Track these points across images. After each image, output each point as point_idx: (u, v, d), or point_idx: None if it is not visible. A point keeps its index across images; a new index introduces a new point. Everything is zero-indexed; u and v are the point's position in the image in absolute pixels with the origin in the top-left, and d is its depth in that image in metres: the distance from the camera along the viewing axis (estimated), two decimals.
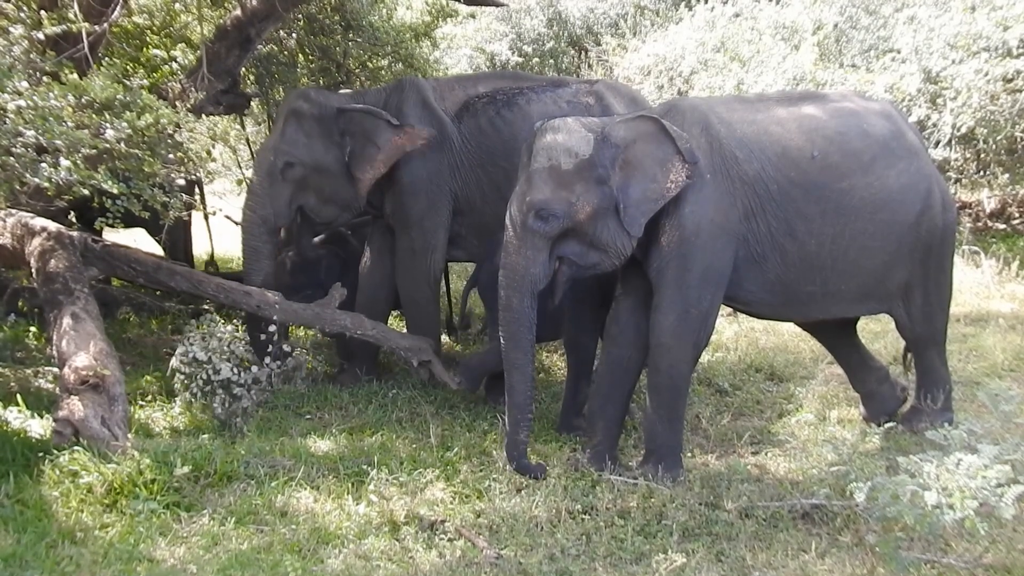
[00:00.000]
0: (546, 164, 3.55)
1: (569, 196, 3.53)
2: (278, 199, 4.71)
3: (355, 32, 6.58)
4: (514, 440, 3.68)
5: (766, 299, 3.82)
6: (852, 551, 3.03)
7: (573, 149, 3.54)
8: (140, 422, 4.16)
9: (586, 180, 3.54)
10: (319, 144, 4.67)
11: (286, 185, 4.69)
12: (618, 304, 3.85)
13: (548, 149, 3.57)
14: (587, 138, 3.56)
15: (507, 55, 10.69)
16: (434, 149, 4.68)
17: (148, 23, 6.33)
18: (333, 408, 4.55)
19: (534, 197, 3.54)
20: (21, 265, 4.96)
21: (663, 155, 3.53)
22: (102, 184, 3.74)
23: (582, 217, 3.54)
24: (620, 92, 4.96)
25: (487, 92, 4.84)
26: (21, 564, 2.87)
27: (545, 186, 3.54)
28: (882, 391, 4.32)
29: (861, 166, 3.72)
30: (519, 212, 3.59)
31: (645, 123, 3.60)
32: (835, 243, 3.71)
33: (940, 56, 7.19)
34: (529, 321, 3.65)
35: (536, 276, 3.61)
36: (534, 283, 3.62)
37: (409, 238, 4.76)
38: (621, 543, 3.15)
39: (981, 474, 2.66)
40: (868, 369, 4.35)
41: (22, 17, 4.12)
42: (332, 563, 2.99)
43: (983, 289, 6.70)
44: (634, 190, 3.54)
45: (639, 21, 10.75)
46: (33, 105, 3.57)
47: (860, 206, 3.70)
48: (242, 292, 4.68)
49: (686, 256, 3.57)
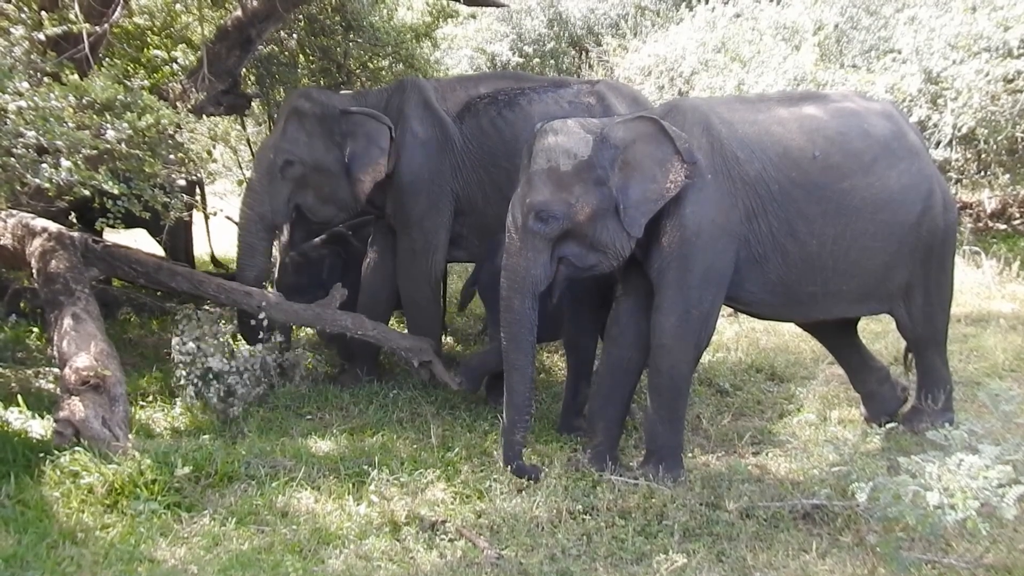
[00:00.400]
0: (545, 166, 3.56)
1: (568, 197, 3.53)
2: (276, 197, 4.73)
3: (356, 33, 6.59)
4: (511, 441, 3.68)
5: (767, 300, 3.82)
6: (853, 551, 3.03)
7: (572, 151, 3.55)
8: (141, 423, 4.16)
9: (585, 181, 3.54)
10: (320, 144, 4.69)
11: (285, 183, 4.72)
12: (619, 305, 3.85)
13: (547, 151, 3.57)
14: (586, 139, 3.56)
15: (508, 56, 10.68)
16: (435, 149, 4.69)
17: (149, 24, 6.34)
18: (334, 408, 4.55)
19: (534, 199, 3.55)
20: (22, 266, 4.96)
21: (662, 155, 3.53)
22: (103, 185, 3.75)
23: (582, 218, 3.55)
24: (622, 92, 4.96)
25: (489, 93, 4.84)
26: (22, 564, 2.87)
27: (545, 188, 3.54)
28: (883, 391, 4.32)
29: (862, 166, 3.71)
30: (520, 214, 3.60)
31: (644, 124, 3.60)
32: (836, 243, 3.71)
33: (941, 56, 7.18)
34: (530, 323, 3.65)
35: (537, 277, 3.61)
36: (535, 284, 3.62)
37: (410, 238, 4.76)
38: (622, 543, 3.15)
39: (982, 474, 2.66)
40: (869, 369, 4.35)
41: (23, 18, 4.12)
42: (333, 563, 2.99)
43: (984, 289, 6.70)
44: (634, 191, 3.54)
45: (640, 22, 10.73)
46: (34, 106, 3.57)
47: (861, 206, 3.70)
48: (243, 292, 4.68)
49: (687, 257, 3.56)
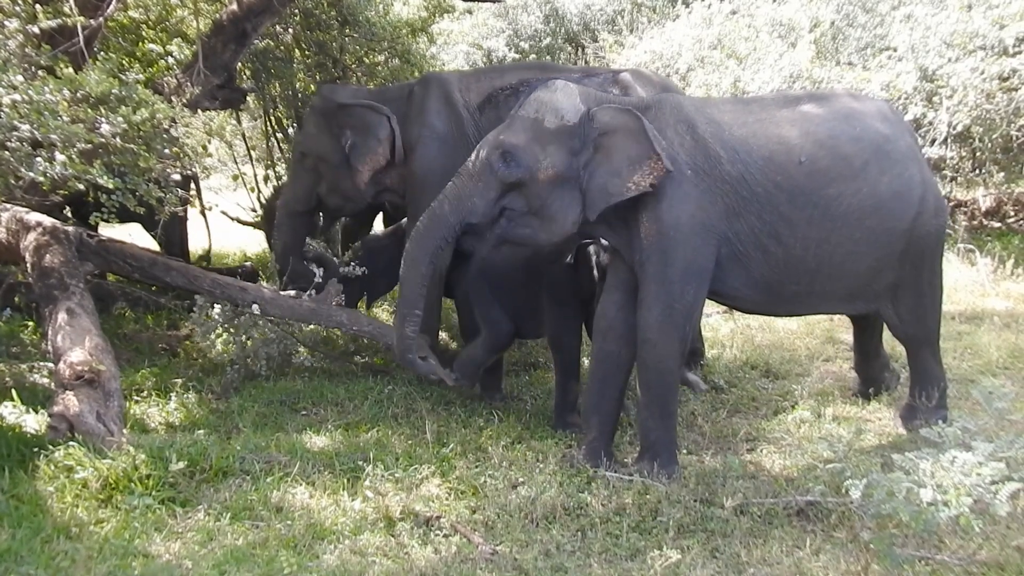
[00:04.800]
0: (532, 115, 3.60)
1: (540, 152, 3.55)
2: (298, 185, 5.18)
3: (351, 27, 6.59)
4: (402, 335, 3.78)
5: (751, 296, 3.84)
6: (847, 548, 3.03)
7: (561, 112, 3.58)
8: (135, 417, 4.16)
9: (561, 145, 3.56)
10: (325, 137, 4.91)
11: (305, 173, 5.10)
12: (605, 299, 3.85)
13: (539, 103, 3.62)
14: (577, 108, 3.60)
15: (504, 51, 10.68)
16: (452, 144, 4.69)
17: (144, 17, 6.32)
18: (329, 404, 4.55)
19: (508, 139, 3.58)
20: (16, 260, 4.95)
21: (636, 154, 3.52)
22: (97, 179, 3.74)
23: (542, 177, 3.56)
24: (651, 81, 4.85)
25: (512, 84, 4.82)
26: (16, 559, 2.86)
27: (522, 134, 3.58)
28: (882, 377, 4.55)
29: (852, 171, 3.69)
30: (487, 149, 3.61)
31: (629, 118, 3.57)
32: (821, 247, 3.70)
33: (936, 54, 7.19)
34: (446, 230, 3.64)
35: (476, 206, 3.60)
36: (470, 210, 3.60)
37: None
38: (616, 539, 3.15)
39: (976, 471, 2.66)
40: (876, 355, 4.55)
41: (17, 11, 4.10)
42: (327, 559, 2.99)
43: (978, 287, 6.72)
44: (598, 177, 3.56)
45: (636, 18, 10.72)
46: (28, 99, 3.56)
47: (848, 212, 3.68)
48: (238, 287, 4.68)
49: (666, 251, 3.57)
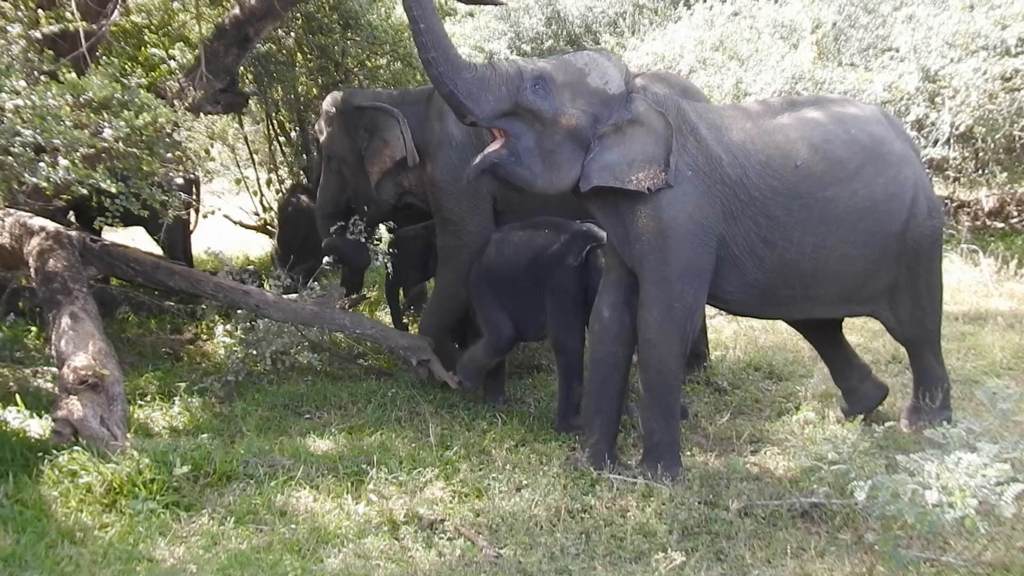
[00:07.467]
0: (579, 66, 3.60)
1: (568, 99, 3.54)
2: (327, 188, 5.29)
3: (353, 31, 6.60)
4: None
5: (745, 299, 3.83)
6: (851, 549, 3.03)
7: (607, 77, 3.60)
8: (139, 422, 4.16)
9: (591, 105, 3.56)
10: (344, 139, 4.98)
11: (333, 176, 5.21)
12: (600, 300, 3.84)
13: (591, 60, 3.63)
14: (621, 84, 3.62)
15: (506, 54, 10.67)
16: (470, 151, 4.64)
17: (146, 22, 6.34)
18: (332, 407, 4.55)
19: (548, 71, 3.54)
20: (20, 265, 4.96)
21: (649, 153, 3.54)
22: (100, 183, 3.75)
23: (562, 122, 3.53)
24: (670, 83, 4.80)
25: None
26: (20, 564, 2.86)
27: (564, 76, 3.56)
28: (863, 388, 4.36)
29: (846, 175, 3.69)
30: (525, 68, 3.52)
31: (661, 120, 3.59)
32: (815, 252, 3.70)
33: (939, 55, 7.19)
34: (459, 67, 3.37)
35: (488, 102, 3.43)
36: (477, 100, 3.41)
37: (453, 236, 4.75)
38: (620, 542, 3.14)
39: (980, 472, 2.65)
40: (851, 367, 4.39)
41: (20, 16, 4.11)
42: (331, 562, 2.99)
43: (982, 287, 6.71)
44: (608, 155, 3.55)
45: (638, 20, 10.73)
46: (31, 104, 3.57)
47: (843, 216, 3.68)
48: (241, 291, 4.68)
49: (664, 250, 3.56)
